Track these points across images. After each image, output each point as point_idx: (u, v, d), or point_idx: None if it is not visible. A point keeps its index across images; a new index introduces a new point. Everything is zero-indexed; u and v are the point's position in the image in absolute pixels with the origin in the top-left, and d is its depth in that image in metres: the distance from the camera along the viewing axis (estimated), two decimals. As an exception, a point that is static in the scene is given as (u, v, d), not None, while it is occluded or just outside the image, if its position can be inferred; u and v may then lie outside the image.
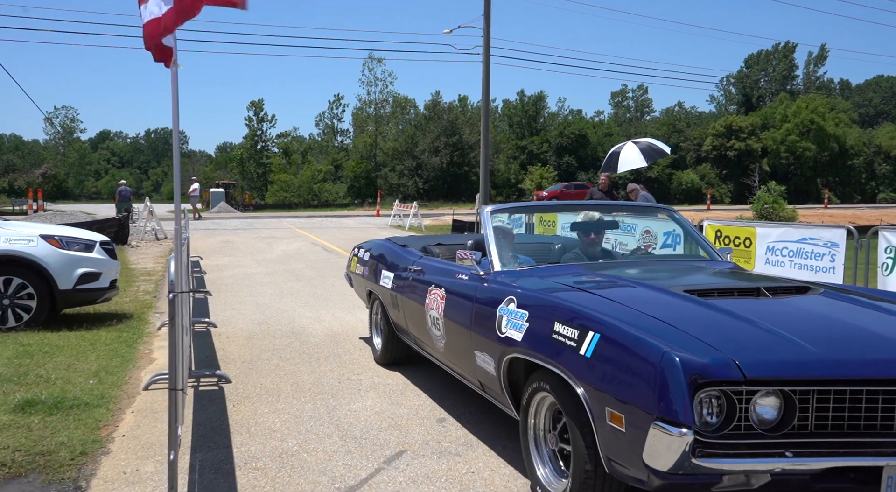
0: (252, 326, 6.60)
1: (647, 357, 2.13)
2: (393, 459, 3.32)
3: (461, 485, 3.02)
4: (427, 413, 4.02)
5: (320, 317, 7.04)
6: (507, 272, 3.41)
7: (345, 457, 3.34)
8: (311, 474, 3.14)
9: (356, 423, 3.84)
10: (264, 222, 24.44)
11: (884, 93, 71.92)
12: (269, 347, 5.70)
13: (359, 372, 4.94)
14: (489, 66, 21.62)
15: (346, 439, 3.58)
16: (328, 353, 5.52)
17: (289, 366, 5.10)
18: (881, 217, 26.59)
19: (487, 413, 3.96)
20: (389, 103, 55.36)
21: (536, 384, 2.77)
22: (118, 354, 5.31)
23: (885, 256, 5.91)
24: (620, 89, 73.77)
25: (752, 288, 2.94)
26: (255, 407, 4.11)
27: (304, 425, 3.79)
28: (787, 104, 56.14)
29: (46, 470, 3.13)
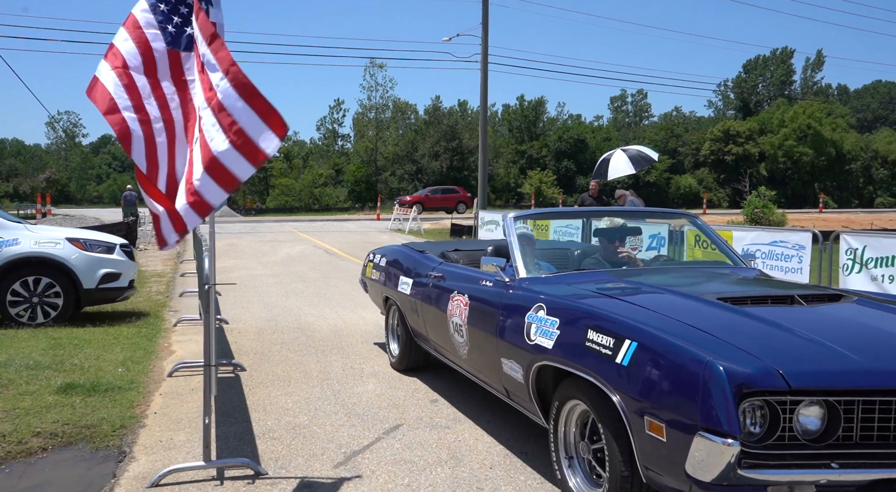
0: (261, 322, 7.10)
1: (690, 366, 2.09)
2: (391, 430, 3.83)
3: (449, 450, 3.53)
4: (422, 395, 4.52)
5: (324, 315, 7.54)
6: (532, 279, 3.38)
7: (349, 429, 3.85)
8: (321, 442, 3.65)
9: (359, 403, 4.34)
10: (267, 226, 24.98)
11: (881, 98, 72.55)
12: (278, 341, 6.20)
13: (361, 362, 5.44)
14: (487, 74, 22.17)
15: (350, 416, 4.08)
16: (332, 346, 6.02)
17: (297, 357, 5.60)
18: (872, 221, 27.07)
19: (475, 395, 4.46)
20: (390, 108, 55.97)
21: (567, 392, 2.75)
22: (140, 347, 5.81)
23: (845, 257, 6.42)
24: (620, 94, 74.46)
25: (785, 296, 2.89)
26: (269, 391, 4.62)
27: (313, 405, 4.30)
28: (785, 109, 56.69)
29: (93, 439, 3.63)
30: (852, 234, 6.48)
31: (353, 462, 3.37)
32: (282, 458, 3.42)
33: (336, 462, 3.38)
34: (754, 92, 65.72)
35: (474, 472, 3.26)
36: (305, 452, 3.51)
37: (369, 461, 3.38)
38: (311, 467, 3.31)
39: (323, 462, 3.37)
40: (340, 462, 3.38)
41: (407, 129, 55.51)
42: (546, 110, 61.21)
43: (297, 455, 3.46)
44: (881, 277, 6.10)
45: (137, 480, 3.14)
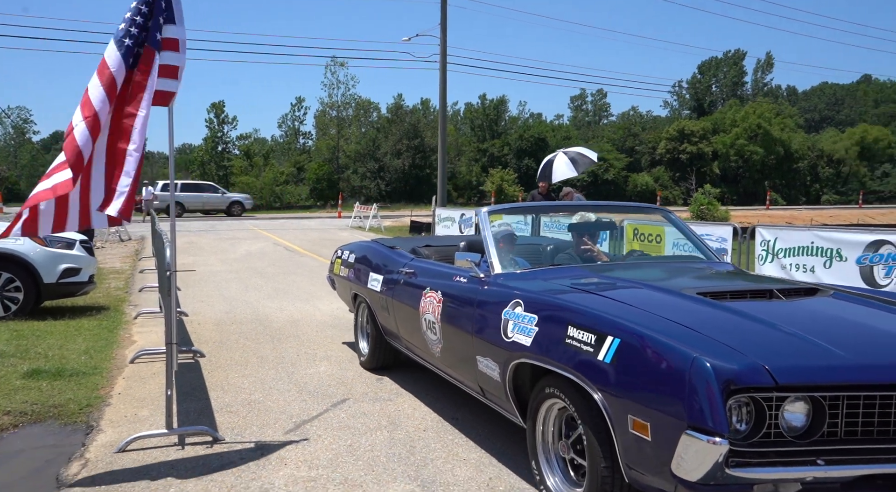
0: (220, 314, 7.41)
1: (676, 363, 2.06)
2: (338, 403, 4.24)
3: (388, 418, 3.96)
4: (369, 375, 4.94)
5: (282, 307, 7.88)
6: (507, 274, 3.33)
7: (300, 403, 4.25)
8: (274, 413, 4.05)
9: (311, 382, 4.74)
10: (227, 224, 24.96)
11: (828, 99, 75.54)
12: (237, 331, 6.53)
13: (314, 348, 5.82)
14: (446, 74, 22.64)
15: (301, 393, 4.48)
16: (288, 334, 6.39)
17: (254, 344, 5.95)
18: (812, 218, 28.48)
19: (416, 373, 4.90)
20: (352, 106, 55.99)
21: (546, 390, 2.71)
22: (102, 338, 6.07)
23: (760, 248, 7.08)
24: (579, 94, 75.87)
25: (763, 290, 2.88)
26: (227, 374, 4.97)
27: (267, 385, 4.68)
28: (737, 109, 58.70)
29: (61, 417, 3.95)
30: (766, 227, 7.14)
31: (301, 429, 3.78)
32: (238, 427, 3.81)
33: (287, 429, 3.78)
34: (708, 92, 67.81)
35: (409, 434, 3.70)
36: (259, 422, 3.90)
37: (317, 428, 3.80)
38: (265, 434, 3.70)
39: (275, 430, 3.77)
40: (290, 429, 3.78)
41: (369, 127, 55.63)
42: (507, 109, 62.10)
43: (252, 425, 3.85)
44: (789, 265, 6.76)
45: (105, 447, 3.49)
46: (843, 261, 6.26)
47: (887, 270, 5.86)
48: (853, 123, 65.75)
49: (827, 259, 6.43)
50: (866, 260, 6.04)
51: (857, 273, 6.10)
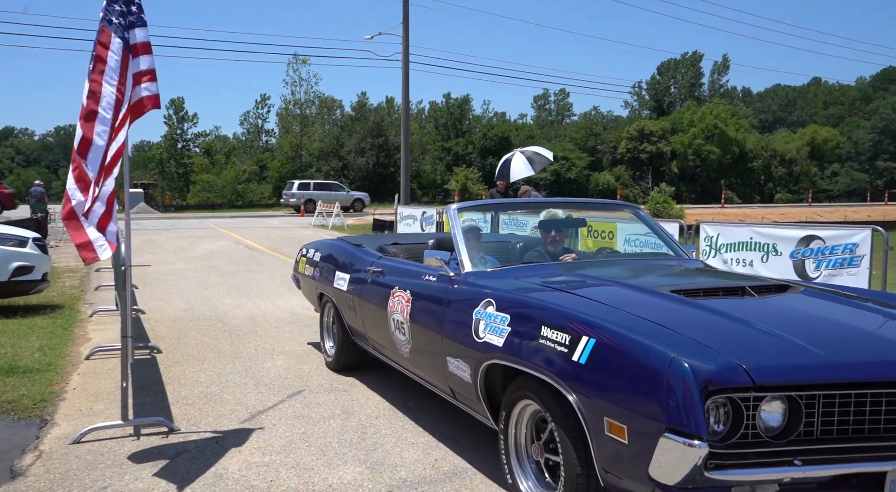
0: (178, 312, 7.42)
1: (653, 364, 2.03)
2: (294, 395, 4.37)
3: (342, 407, 4.11)
4: (326, 368, 5.06)
5: (241, 304, 7.92)
6: (478, 273, 3.26)
7: (257, 395, 4.36)
8: (230, 405, 4.15)
9: (267, 375, 4.84)
10: (187, 223, 24.61)
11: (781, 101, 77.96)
12: (195, 328, 6.57)
13: (272, 343, 5.91)
14: (408, 73, 22.75)
15: (258, 385, 4.58)
16: (247, 330, 6.46)
17: (212, 341, 6.01)
18: (764, 215, 29.51)
19: (374, 366, 5.05)
20: (315, 104, 55.59)
21: (519, 392, 2.67)
22: (56, 335, 6.05)
23: (704, 244, 7.42)
24: (542, 94, 76.73)
25: (736, 287, 2.88)
26: (184, 368, 5.04)
27: (224, 378, 4.76)
28: (694, 110, 60.18)
29: (14, 412, 3.98)
30: (709, 224, 7.49)
31: (257, 419, 3.90)
32: (193, 418, 3.90)
33: (242, 420, 3.89)
34: (667, 93, 69.36)
35: (361, 421, 3.86)
36: (215, 413, 4.00)
37: (271, 418, 3.91)
38: (220, 424, 3.81)
39: (231, 420, 3.88)
40: (246, 419, 3.89)
41: (333, 125, 55.31)
42: (472, 108, 62.40)
43: (208, 416, 3.95)
44: (731, 260, 7.11)
45: (60, 439, 3.55)
46: (779, 255, 6.63)
47: (817, 264, 6.24)
48: (804, 123, 68.08)
49: (764, 254, 6.79)
50: (798, 254, 6.41)
51: (790, 267, 6.47)
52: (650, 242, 8.41)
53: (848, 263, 5.99)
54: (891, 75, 74.76)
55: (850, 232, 6.06)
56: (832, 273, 6.11)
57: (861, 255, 5.89)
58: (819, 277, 6.19)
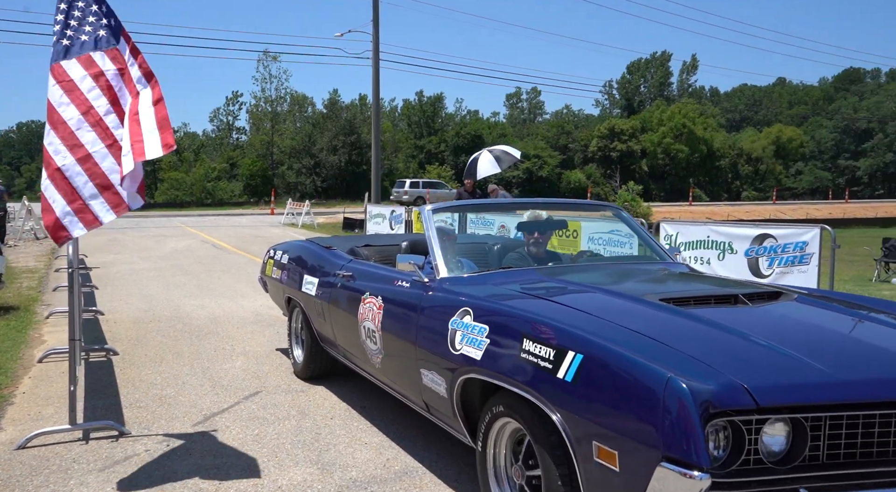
0: (138, 313, 7.31)
1: (647, 383, 1.86)
2: (250, 396, 4.35)
3: (298, 408, 4.11)
4: (285, 369, 5.05)
5: (204, 304, 7.83)
6: (454, 279, 3.08)
7: (213, 397, 4.33)
8: (184, 407, 4.11)
9: (225, 377, 4.81)
10: (153, 221, 24.21)
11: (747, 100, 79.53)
12: (154, 329, 6.49)
13: (233, 344, 5.87)
14: (378, 71, 22.69)
15: (215, 387, 4.55)
16: (208, 331, 6.39)
17: (171, 342, 5.94)
18: (730, 213, 30.13)
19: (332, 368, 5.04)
20: (287, 101, 55.07)
21: (498, 409, 2.49)
22: (9, 338, 5.92)
23: (664, 242, 7.58)
24: (515, 92, 77.13)
25: (728, 295, 2.72)
26: (140, 371, 4.98)
27: (181, 380, 4.72)
28: (663, 109, 61.08)
29: (-40, 417, 3.89)
30: (669, 222, 7.66)
31: (210, 421, 3.87)
32: (145, 421, 3.86)
33: (195, 422, 3.86)
34: (637, 92, 70.24)
35: (317, 422, 3.86)
36: (168, 416, 3.96)
37: (226, 420, 3.90)
38: (172, 427, 3.78)
39: (183, 423, 3.85)
40: (199, 422, 3.87)
41: (305, 122, 54.85)
42: (444, 106, 62.46)
43: (161, 419, 3.91)
44: (689, 258, 7.26)
45: (5, 445, 3.48)
46: (734, 253, 6.79)
47: (770, 262, 6.41)
48: (770, 123, 69.55)
49: (720, 252, 6.95)
50: (753, 252, 6.58)
51: (745, 264, 6.64)
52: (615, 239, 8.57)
53: (798, 260, 6.17)
54: (851, 76, 76.86)
55: (800, 230, 6.24)
56: (784, 271, 6.29)
57: (811, 252, 6.07)
58: (772, 274, 6.37)
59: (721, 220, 18.88)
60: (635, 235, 4.02)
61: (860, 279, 9.56)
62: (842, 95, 71.46)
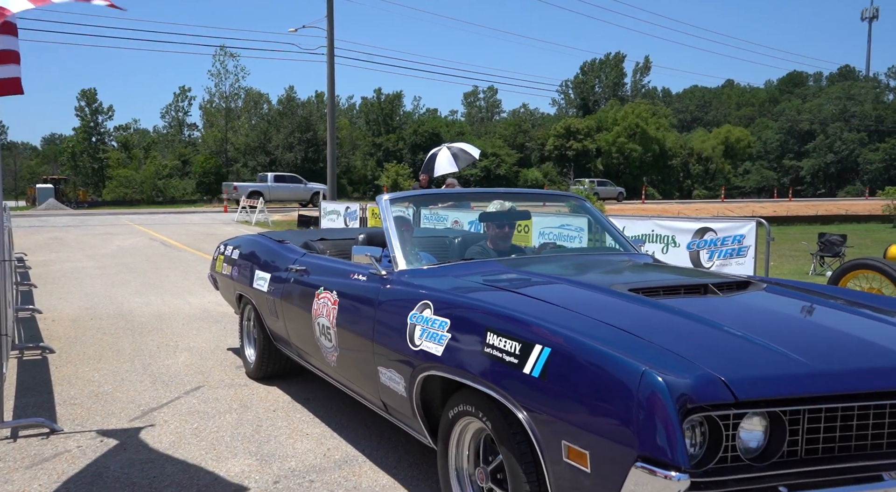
0: (79, 311, 7.09)
1: (620, 377, 1.76)
2: (192, 391, 4.28)
3: (240, 402, 4.06)
4: (229, 363, 4.98)
5: (149, 301, 7.65)
6: (413, 271, 2.95)
7: (152, 393, 4.24)
8: (121, 403, 4.02)
9: (167, 372, 4.72)
10: (100, 219, 23.46)
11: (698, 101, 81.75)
12: (95, 327, 6.30)
13: (177, 340, 5.75)
14: (333, 67, 22.51)
15: (156, 383, 4.46)
16: (152, 328, 6.25)
17: (112, 339, 5.79)
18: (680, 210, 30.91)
19: (279, 360, 4.99)
20: (241, 97, 54.04)
21: (460, 407, 2.37)
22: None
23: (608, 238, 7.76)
24: (472, 91, 77.45)
25: (697, 285, 2.64)
26: (77, 368, 4.83)
27: (120, 376, 4.60)
28: (617, 109, 62.30)
29: None
30: (616, 217, 7.81)
31: (148, 416, 3.79)
32: (79, 418, 3.76)
33: (132, 417, 3.78)
34: (592, 92, 71.48)
35: (258, 415, 3.82)
36: (104, 412, 3.86)
37: (164, 415, 3.82)
38: (108, 423, 3.69)
39: (120, 419, 3.76)
40: (136, 417, 3.78)
41: (260, 119, 53.94)
42: (402, 104, 62.30)
43: (96, 415, 3.81)
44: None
45: (-73, 445, 3.34)
46: (677, 246, 6.99)
47: (710, 254, 6.63)
48: (719, 123, 71.72)
49: (664, 245, 7.15)
50: (694, 245, 6.79)
51: (687, 257, 6.84)
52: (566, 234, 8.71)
53: (736, 253, 6.39)
54: (795, 79, 79.88)
55: (738, 224, 6.47)
56: (723, 263, 6.51)
57: (747, 245, 6.30)
58: (712, 266, 6.58)
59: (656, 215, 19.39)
60: (598, 227, 3.92)
61: (798, 272, 9.96)
62: (786, 98, 74.17)
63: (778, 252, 12.16)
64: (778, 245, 12.99)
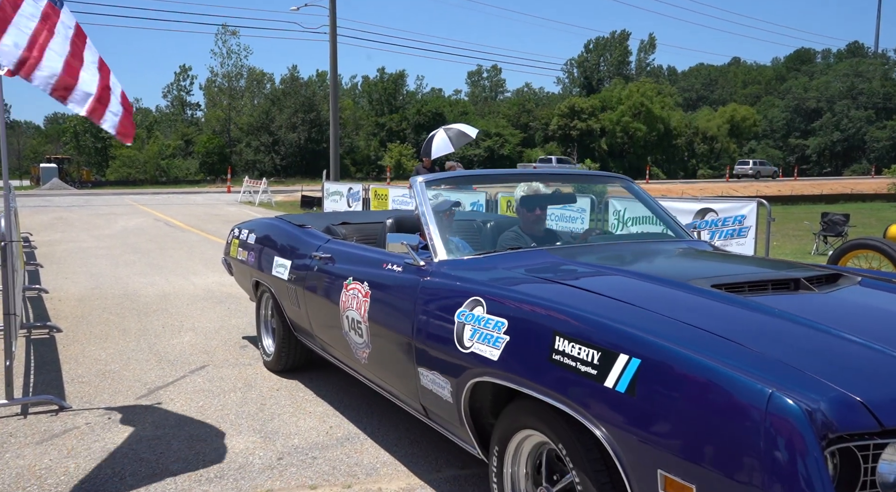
0: (85, 290, 7.17)
1: (740, 400, 1.46)
2: (197, 370, 4.35)
3: (245, 381, 4.13)
4: (234, 342, 5.05)
5: (154, 282, 7.72)
6: (454, 262, 2.68)
7: (158, 372, 4.32)
8: (128, 382, 4.10)
9: (172, 352, 4.79)
10: (104, 199, 23.54)
11: (703, 79, 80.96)
12: (101, 306, 6.38)
13: (182, 320, 5.83)
14: (336, 46, 22.35)
15: (161, 362, 4.54)
16: (157, 308, 6.33)
17: (118, 319, 5.87)
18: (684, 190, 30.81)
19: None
20: (244, 77, 53.72)
21: (518, 419, 2.11)
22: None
23: (612, 218, 7.77)
24: (476, 70, 76.81)
25: (786, 279, 2.27)
26: (84, 347, 4.91)
27: (126, 355, 4.68)
28: (622, 88, 61.79)
29: None
30: (617, 199, 7.83)
31: (154, 395, 3.88)
32: (88, 396, 3.84)
33: (139, 395, 3.86)
34: (596, 71, 70.82)
35: (262, 394, 3.90)
36: (111, 390, 3.95)
37: (170, 393, 3.90)
38: (115, 400, 3.77)
39: (127, 396, 3.84)
40: (143, 395, 3.87)
41: (263, 99, 53.68)
42: (406, 84, 61.88)
43: (103, 393, 3.89)
44: (636, 232, 7.48)
45: (-60, 422, 3.43)
46: (678, 227, 7.02)
47: (711, 235, 6.64)
48: (725, 102, 71.07)
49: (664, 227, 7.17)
50: (695, 226, 6.80)
51: (688, 237, 6.87)
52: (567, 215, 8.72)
53: (737, 233, 6.41)
54: (802, 57, 78.92)
55: (739, 204, 6.49)
56: (724, 243, 6.53)
57: (748, 226, 6.32)
58: (712, 247, 6.61)
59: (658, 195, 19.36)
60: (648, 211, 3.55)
61: (800, 252, 9.97)
62: (793, 75, 73.35)
63: (781, 232, 12.15)
64: (781, 225, 12.99)
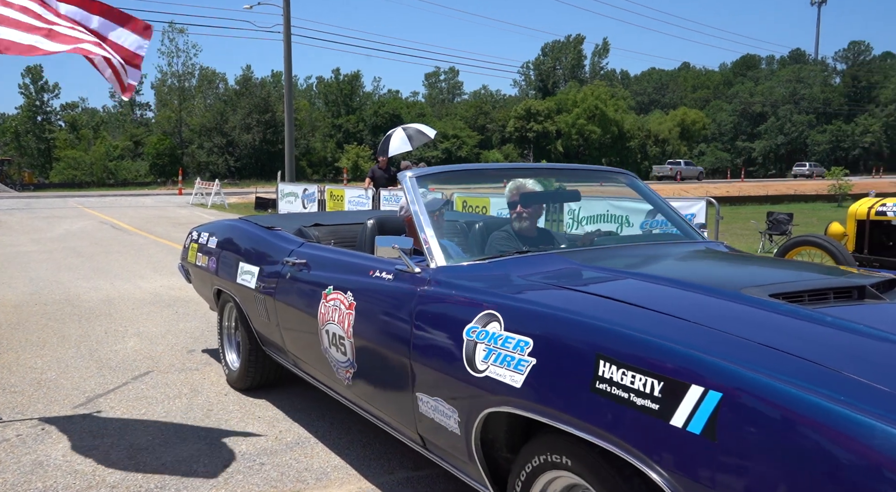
0: (23, 297, 6.83)
1: (867, 447, 1.19)
2: (140, 376, 4.17)
3: (191, 386, 3.98)
4: (181, 347, 4.87)
5: (98, 286, 7.41)
6: (455, 268, 2.32)
7: (98, 379, 4.12)
8: (65, 390, 3.90)
9: (115, 358, 4.59)
10: (46, 202, 22.63)
11: (655, 83, 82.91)
12: (39, 312, 6.08)
13: (126, 325, 5.60)
14: (290, 45, 22.04)
15: (102, 369, 4.34)
16: (100, 313, 6.06)
17: (57, 325, 5.60)
18: (638, 191, 31.57)
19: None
20: (195, 76, 52.47)
21: (546, 457, 1.77)
22: None
23: (567, 217, 7.84)
24: (434, 71, 76.88)
25: (848, 287, 1.99)
26: (18, 355, 4.66)
27: (64, 363, 4.46)
28: (577, 90, 62.78)
29: None
30: (572, 196, 7.93)
31: (93, 403, 3.69)
32: (20, 406, 3.63)
33: (76, 404, 3.67)
34: (552, 74, 71.74)
35: (209, 399, 3.76)
36: (46, 399, 3.74)
37: (111, 401, 3.73)
38: (50, 410, 3.57)
39: (63, 406, 3.65)
40: (81, 404, 3.68)
41: (216, 99, 52.52)
42: (362, 85, 61.47)
43: (37, 402, 3.69)
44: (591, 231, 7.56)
45: None
46: (631, 226, 7.11)
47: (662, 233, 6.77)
48: (675, 106, 72.90)
49: (618, 225, 7.26)
50: (647, 225, 6.91)
51: (640, 236, 6.98)
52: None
53: (687, 231, 6.54)
54: (749, 62, 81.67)
55: (688, 203, 6.62)
56: (675, 241, 6.65)
57: (698, 223, 6.45)
58: (664, 245, 6.72)
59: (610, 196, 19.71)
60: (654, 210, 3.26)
61: (747, 250, 10.28)
62: (740, 80, 75.83)
63: (729, 231, 12.50)
64: (729, 224, 13.36)
